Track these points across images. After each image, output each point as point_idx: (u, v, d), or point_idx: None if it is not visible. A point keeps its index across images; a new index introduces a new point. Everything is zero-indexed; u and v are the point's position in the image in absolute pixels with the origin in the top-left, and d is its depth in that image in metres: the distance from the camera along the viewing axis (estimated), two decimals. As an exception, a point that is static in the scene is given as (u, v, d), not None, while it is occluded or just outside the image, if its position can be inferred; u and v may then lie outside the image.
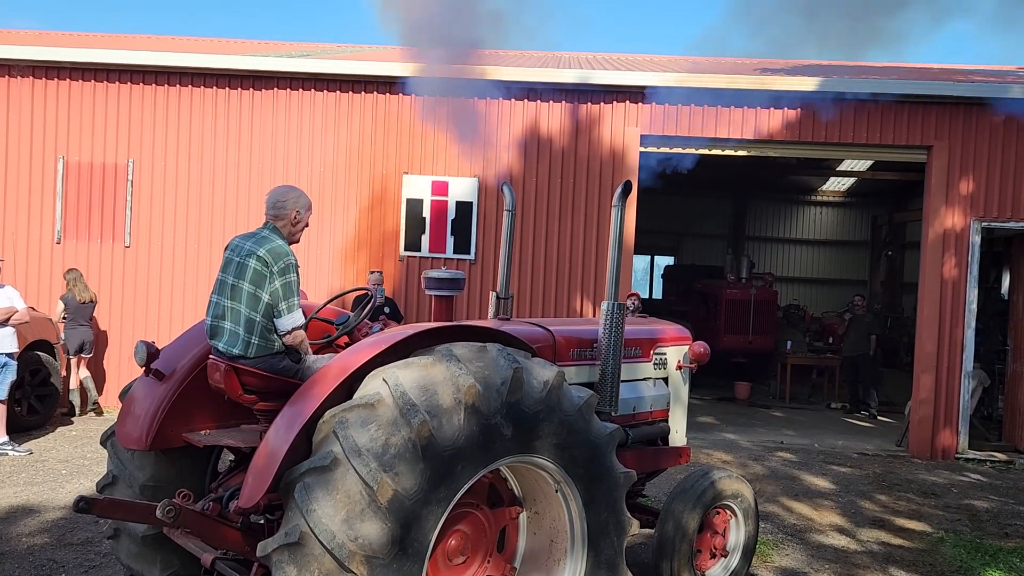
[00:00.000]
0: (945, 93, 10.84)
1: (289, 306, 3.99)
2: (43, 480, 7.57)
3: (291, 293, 4.00)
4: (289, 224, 4.18)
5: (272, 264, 3.98)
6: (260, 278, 3.98)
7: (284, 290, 3.98)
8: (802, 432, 12.00)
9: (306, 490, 3.27)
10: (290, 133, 11.16)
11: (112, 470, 4.43)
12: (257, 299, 3.98)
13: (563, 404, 3.87)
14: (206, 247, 11.07)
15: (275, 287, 3.97)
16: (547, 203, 11.06)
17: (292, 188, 4.28)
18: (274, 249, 4.02)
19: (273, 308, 3.99)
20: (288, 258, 4.03)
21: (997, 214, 10.81)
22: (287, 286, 3.99)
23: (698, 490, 5.11)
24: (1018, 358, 11.41)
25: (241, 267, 4.04)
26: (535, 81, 10.98)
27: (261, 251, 4.01)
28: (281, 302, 3.98)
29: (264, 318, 3.99)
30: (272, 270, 3.98)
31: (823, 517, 7.69)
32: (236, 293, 4.03)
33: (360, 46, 16.78)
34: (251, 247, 4.05)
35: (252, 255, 4.02)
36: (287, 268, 4.00)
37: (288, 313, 3.99)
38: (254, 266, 3.99)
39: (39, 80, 11.19)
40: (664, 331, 5.83)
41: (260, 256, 4.00)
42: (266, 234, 4.12)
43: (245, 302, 3.99)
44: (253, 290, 3.99)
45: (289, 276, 4.00)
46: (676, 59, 16.41)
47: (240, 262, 4.05)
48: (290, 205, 4.18)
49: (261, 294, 3.98)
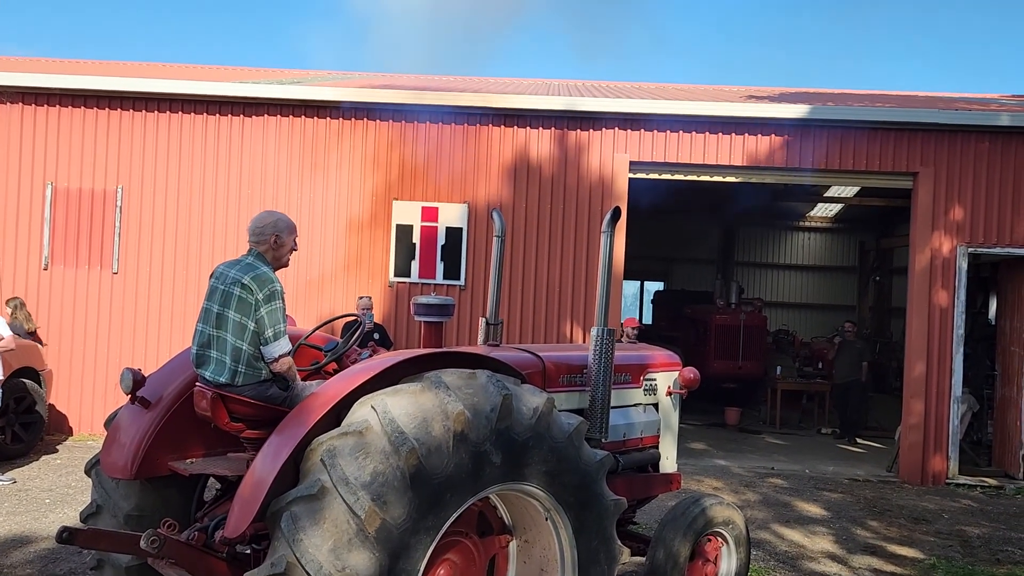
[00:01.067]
0: (930, 120, 10.97)
1: (275, 333, 3.96)
2: (26, 510, 7.46)
3: (277, 321, 3.97)
4: (271, 249, 4.15)
5: (257, 292, 3.95)
6: (246, 306, 3.95)
7: (270, 318, 3.95)
8: (793, 458, 11.97)
9: (293, 519, 3.23)
10: (279, 159, 11.17)
11: (96, 499, 4.36)
12: (243, 327, 3.95)
13: (552, 431, 3.85)
14: (195, 274, 11.02)
15: (261, 315, 3.94)
16: (537, 229, 11.08)
17: (272, 213, 4.25)
18: (258, 276, 3.99)
19: (259, 336, 3.96)
20: (273, 285, 4.00)
21: (983, 240, 10.89)
22: (272, 313, 3.96)
23: (689, 517, 5.08)
24: (1007, 383, 11.44)
25: (226, 295, 4.01)
26: (524, 108, 11.05)
27: (246, 279, 3.98)
28: (267, 330, 3.95)
29: (251, 346, 3.96)
30: (257, 298, 3.94)
31: (815, 544, 7.65)
32: (222, 322, 4.00)
33: (349, 73, 16.88)
34: (236, 275, 4.02)
35: (237, 283, 3.99)
36: (272, 295, 3.97)
37: (275, 341, 3.96)
38: (239, 294, 3.96)
39: (28, 106, 11.18)
40: (654, 357, 5.82)
41: (245, 284, 3.97)
42: (250, 261, 4.10)
43: (231, 331, 3.96)
44: (239, 318, 3.95)
45: (274, 303, 3.97)
46: (664, 86, 16.57)
47: (225, 290, 4.02)
48: (269, 230, 4.14)
49: (247, 322, 3.95)
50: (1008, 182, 10.89)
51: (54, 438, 10.54)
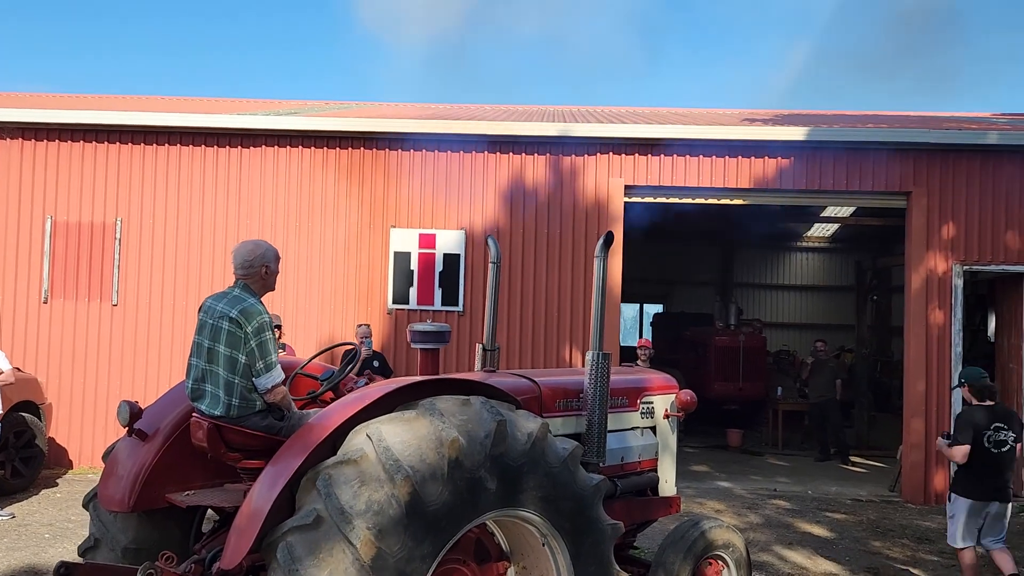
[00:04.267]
0: (923, 140, 11.06)
1: (267, 364, 3.98)
2: (26, 545, 7.43)
3: (267, 352, 3.99)
4: (261, 279, 4.19)
5: (246, 325, 3.97)
6: (235, 340, 3.98)
7: (260, 350, 3.97)
8: (795, 479, 11.93)
9: (289, 549, 3.24)
10: (278, 189, 11.24)
11: (94, 533, 4.37)
12: (234, 361, 3.97)
13: (548, 456, 3.86)
14: (195, 305, 10.90)
15: (251, 347, 3.97)
16: (534, 254, 11.13)
17: (258, 243, 4.26)
18: (246, 310, 4.01)
19: (251, 368, 3.98)
20: (262, 317, 4.02)
21: (978, 257, 10.93)
22: (262, 345, 3.98)
23: (688, 540, 5.07)
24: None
25: (216, 330, 4.04)
26: (519, 135, 11.15)
27: (234, 313, 4.00)
28: (258, 362, 3.97)
29: (243, 379, 3.98)
30: (247, 331, 3.97)
31: (817, 565, 7.60)
32: (213, 356, 4.03)
33: (346, 103, 17.03)
34: (223, 309, 4.05)
35: (225, 317, 4.01)
36: (261, 328, 3.99)
37: (267, 372, 3.98)
38: (228, 328, 3.99)
39: (28, 141, 11.28)
40: (650, 380, 5.83)
41: (233, 318, 3.99)
42: (237, 293, 4.12)
43: (223, 364, 3.99)
44: (229, 352, 3.98)
45: (264, 335, 3.99)
46: (658, 111, 16.70)
47: (214, 324, 4.05)
48: (258, 262, 4.17)
49: (238, 355, 3.97)
50: (1000, 200, 10.96)
51: (54, 472, 10.52)
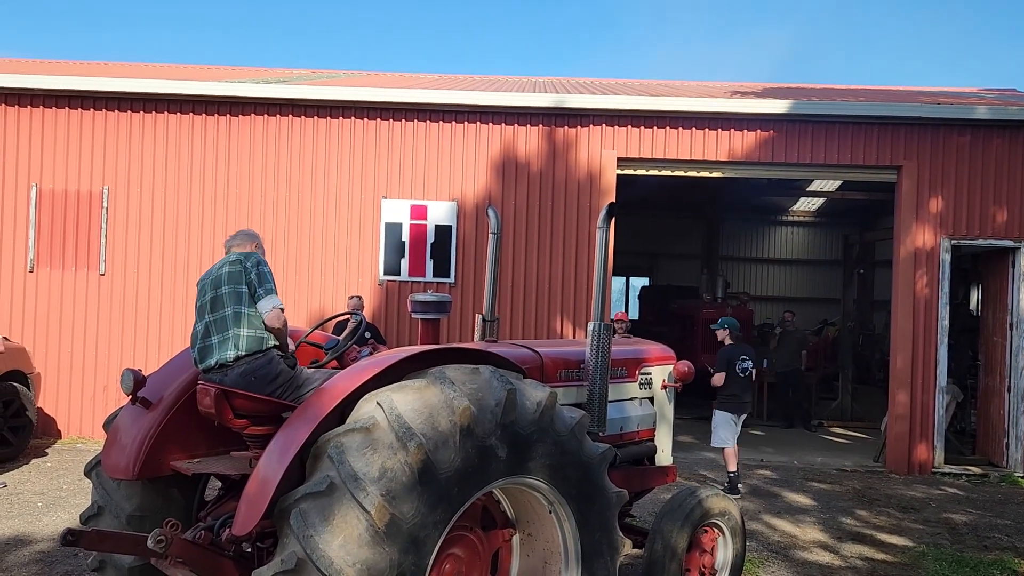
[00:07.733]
0: (912, 115, 11.11)
1: (266, 290, 4.13)
2: (19, 513, 7.41)
3: (266, 280, 4.16)
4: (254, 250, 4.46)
5: (245, 261, 4.18)
6: (237, 276, 4.15)
7: (259, 277, 4.14)
8: (781, 449, 12.10)
9: (302, 516, 3.25)
10: (267, 159, 11.14)
11: (97, 500, 4.35)
12: (239, 294, 4.11)
13: (556, 425, 3.89)
14: (183, 274, 10.98)
15: (251, 277, 4.14)
16: (526, 225, 11.12)
17: (249, 231, 4.57)
18: (244, 254, 4.26)
19: (253, 297, 4.12)
20: (257, 256, 4.24)
21: (966, 232, 11.04)
22: (261, 275, 4.16)
23: (686, 509, 5.13)
24: (989, 373, 11.61)
25: (216, 279, 4.17)
26: (512, 105, 11.09)
27: (232, 259, 4.22)
28: (258, 288, 4.12)
29: (248, 308, 4.09)
30: (246, 265, 4.16)
31: (806, 534, 7.74)
32: (216, 303, 4.13)
33: (336, 72, 16.83)
34: (221, 263, 4.26)
35: (224, 264, 4.21)
36: (259, 262, 4.22)
37: (267, 296, 4.12)
38: (229, 271, 4.16)
39: (11, 107, 11.08)
40: (649, 351, 5.88)
41: (232, 261, 4.20)
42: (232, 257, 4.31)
43: (229, 303, 4.10)
44: (232, 288, 4.12)
45: (263, 267, 4.20)
46: (649, 83, 16.64)
47: (214, 278, 4.20)
48: (249, 240, 4.47)
49: (241, 288, 4.12)
50: (989, 174, 11.06)
51: (43, 441, 10.46)
